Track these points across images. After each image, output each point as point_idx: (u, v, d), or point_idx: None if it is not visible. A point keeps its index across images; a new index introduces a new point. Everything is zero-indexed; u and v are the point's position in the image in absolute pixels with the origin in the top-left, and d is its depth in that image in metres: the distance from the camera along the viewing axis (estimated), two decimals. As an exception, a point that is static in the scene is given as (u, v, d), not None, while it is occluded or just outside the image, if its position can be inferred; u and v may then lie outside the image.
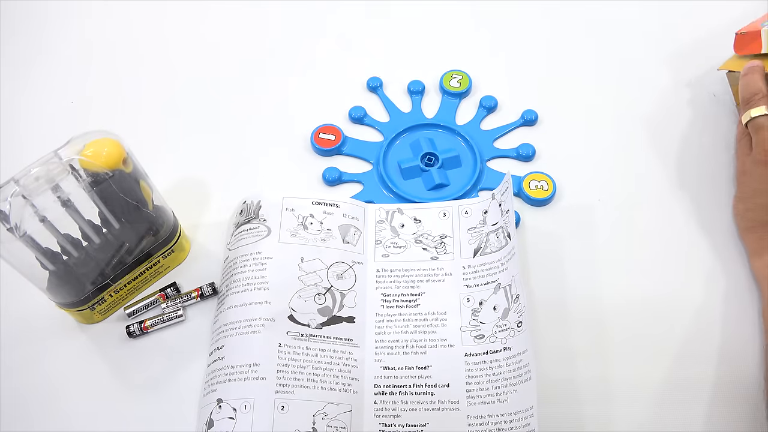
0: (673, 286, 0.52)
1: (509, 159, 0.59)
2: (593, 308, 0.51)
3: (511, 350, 0.47)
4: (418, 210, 0.55)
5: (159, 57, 0.67)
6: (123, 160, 0.45)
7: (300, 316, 0.49)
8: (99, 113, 0.63)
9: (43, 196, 0.43)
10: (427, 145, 0.59)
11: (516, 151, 0.59)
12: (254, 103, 0.64)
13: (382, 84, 0.64)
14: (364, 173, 0.58)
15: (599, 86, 0.63)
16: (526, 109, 0.61)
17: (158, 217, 0.50)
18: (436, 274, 0.52)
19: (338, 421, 0.46)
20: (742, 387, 0.47)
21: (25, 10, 0.71)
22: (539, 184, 0.56)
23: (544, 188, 0.56)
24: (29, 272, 0.45)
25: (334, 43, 0.68)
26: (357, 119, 0.62)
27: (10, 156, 0.59)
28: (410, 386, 0.48)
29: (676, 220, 0.55)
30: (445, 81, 0.63)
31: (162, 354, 0.50)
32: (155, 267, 0.52)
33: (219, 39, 0.69)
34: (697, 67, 0.63)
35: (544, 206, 0.56)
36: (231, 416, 0.45)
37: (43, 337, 0.51)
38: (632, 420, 0.47)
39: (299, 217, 0.53)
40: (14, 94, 0.65)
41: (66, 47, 0.68)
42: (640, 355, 0.49)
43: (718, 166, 0.57)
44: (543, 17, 0.68)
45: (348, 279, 0.52)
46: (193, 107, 0.63)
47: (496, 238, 0.52)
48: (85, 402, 0.48)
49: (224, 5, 0.71)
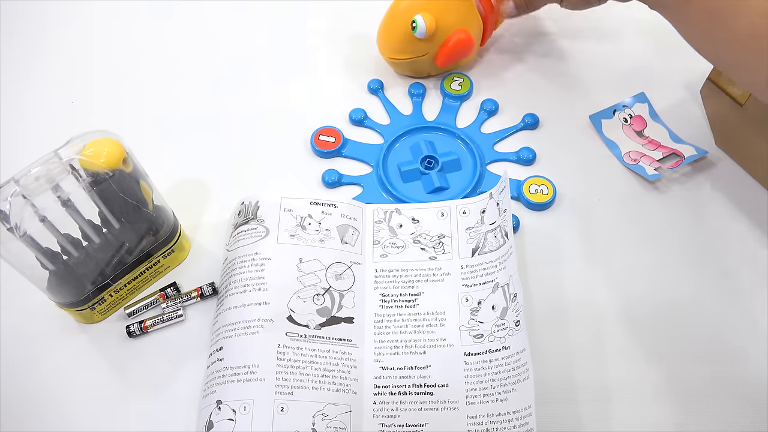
0: (673, 286, 0.52)
1: (510, 162, 0.59)
2: (592, 309, 0.51)
3: (510, 349, 0.47)
4: (416, 210, 0.55)
5: (159, 57, 0.67)
6: (123, 160, 0.45)
7: (299, 316, 0.49)
8: (99, 113, 0.63)
9: (43, 196, 0.43)
10: (428, 148, 0.59)
11: (516, 155, 0.59)
12: (255, 104, 0.64)
13: (383, 86, 0.64)
14: (364, 176, 0.58)
15: (601, 90, 0.63)
16: (527, 113, 0.61)
17: (158, 217, 0.50)
18: (435, 274, 0.52)
19: (338, 421, 0.46)
20: (741, 387, 0.47)
21: (25, 10, 0.71)
22: (539, 188, 0.56)
23: (544, 192, 0.56)
24: (29, 272, 0.45)
25: (335, 44, 0.68)
26: (357, 121, 0.62)
27: (10, 156, 0.59)
28: (409, 386, 0.48)
29: (676, 220, 0.55)
30: (446, 84, 0.63)
31: (162, 354, 0.50)
32: (155, 267, 0.52)
33: (220, 39, 0.69)
34: (700, 67, 0.63)
35: (543, 210, 0.56)
36: (230, 417, 0.45)
37: (43, 337, 0.51)
38: (631, 420, 0.47)
39: (297, 218, 0.53)
40: (14, 94, 0.65)
41: (66, 47, 0.69)
42: (640, 356, 0.49)
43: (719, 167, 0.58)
44: (546, 19, 0.68)
45: (346, 279, 0.52)
46: (194, 107, 0.64)
47: (494, 238, 0.52)
48: (85, 402, 0.48)
49: (225, 5, 0.71)
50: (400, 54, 0.61)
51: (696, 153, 0.57)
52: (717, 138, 0.59)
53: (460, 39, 0.59)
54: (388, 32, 0.61)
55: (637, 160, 0.57)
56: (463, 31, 0.59)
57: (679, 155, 0.57)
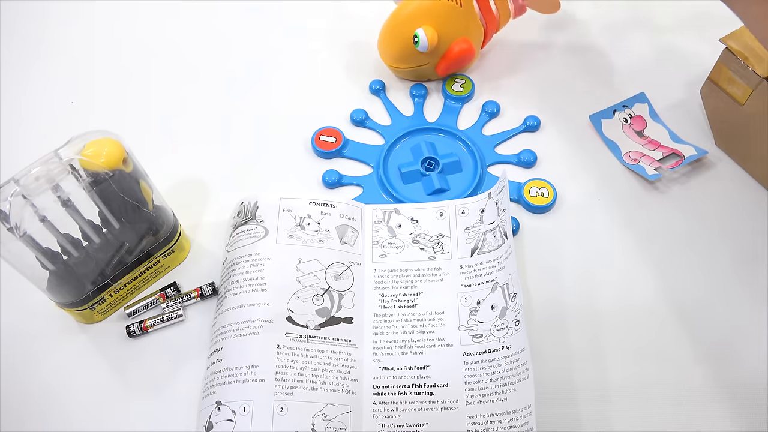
0: (673, 286, 0.52)
1: (510, 165, 0.59)
2: (592, 310, 0.51)
3: (509, 349, 0.47)
4: (415, 210, 0.55)
5: (160, 57, 0.68)
6: (123, 160, 0.45)
7: (298, 317, 0.49)
8: (99, 113, 0.64)
9: (43, 196, 0.43)
10: (428, 149, 0.59)
11: (517, 157, 0.59)
12: (256, 104, 0.64)
13: (385, 87, 0.64)
14: (364, 176, 0.58)
15: (601, 90, 0.63)
16: (528, 115, 0.61)
17: (158, 217, 0.50)
18: (434, 274, 0.52)
19: (337, 422, 0.46)
20: (741, 387, 0.47)
21: (25, 10, 0.72)
22: (540, 191, 0.56)
23: (545, 195, 0.56)
24: (29, 272, 0.46)
25: (337, 44, 0.68)
26: (358, 122, 0.62)
27: (10, 156, 0.59)
28: (409, 386, 0.48)
29: (676, 221, 0.55)
30: (448, 85, 0.63)
31: (162, 354, 0.50)
32: (155, 267, 0.52)
33: (220, 39, 0.69)
34: (700, 67, 0.63)
35: (544, 213, 0.56)
36: (230, 418, 0.45)
37: (43, 337, 0.51)
38: (631, 420, 0.47)
39: (296, 218, 0.53)
40: (14, 94, 0.65)
41: (66, 47, 0.69)
42: (639, 356, 0.49)
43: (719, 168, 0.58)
44: (547, 20, 0.68)
45: (346, 280, 0.52)
46: (194, 107, 0.64)
47: (493, 237, 0.52)
48: (85, 402, 0.48)
49: (226, 5, 0.71)
50: (402, 63, 0.61)
51: (696, 153, 0.57)
52: (717, 138, 0.59)
53: (462, 49, 0.59)
54: (390, 42, 0.61)
55: (637, 160, 0.57)
56: (465, 41, 0.59)
57: (679, 155, 0.57)
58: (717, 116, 0.58)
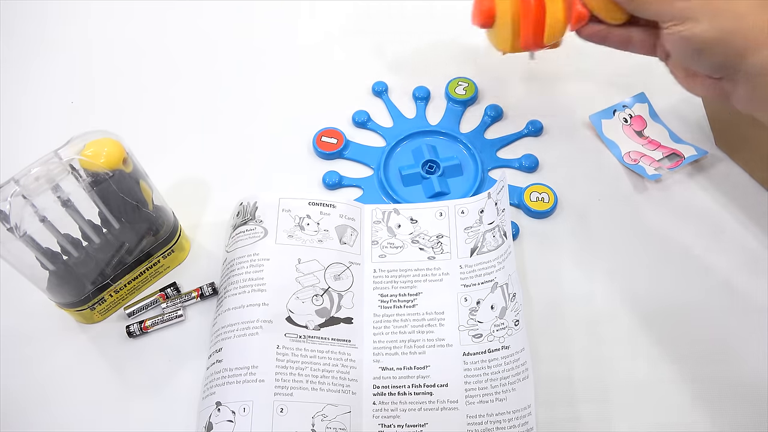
0: (673, 286, 0.52)
1: (512, 169, 0.58)
2: (592, 310, 0.51)
3: (509, 349, 0.47)
4: (414, 210, 0.55)
5: (159, 57, 0.68)
6: (123, 160, 0.45)
7: (298, 317, 0.49)
8: (99, 113, 0.63)
9: (43, 196, 0.43)
10: (429, 152, 0.59)
11: (519, 162, 0.58)
12: (258, 104, 0.64)
13: (388, 89, 0.64)
14: (365, 178, 0.58)
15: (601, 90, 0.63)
16: (531, 119, 0.61)
17: (158, 217, 0.50)
18: (434, 274, 0.52)
19: (337, 422, 0.46)
20: (741, 387, 0.47)
21: (25, 10, 0.72)
22: (540, 196, 0.56)
23: (545, 200, 0.55)
24: (29, 272, 0.46)
25: (340, 45, 0.68)
26: (360, 123, 0.62)
27: (10, 156, 0.59)
28: (409, 386, 0.48)
29: (676, 221, 0.55)
30: (451, 88, 0.63)
31: (162, 354, 0.50)
32: (155, 267, 0.52)
33: (221, 39, 0.69)
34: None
35: (544, 218, 0.56)
36: (230, 419, 0.45)
37: (43, 337, 0.51)
38: (631, 420, 0.47)
39: (296, 218, 0.53)
40: (14, 94, 0.65)
41: (66, 47, 0.69)
42: (639, 356, 0.49)
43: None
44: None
45: (345, 280, 0.52)
46: (195, 107, 0.64)
47: (492, 237, 0.52)
48: (85, 402, 0.48)
49: (226, 5, 0.71)
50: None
51: (696, 153, 0.57)
52: (717, 138, 0.59)
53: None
54: None
55: (637, 160, 0.57)
56: None
57: (679, 155, 0.57)
58: (717, 116, 0.58)
